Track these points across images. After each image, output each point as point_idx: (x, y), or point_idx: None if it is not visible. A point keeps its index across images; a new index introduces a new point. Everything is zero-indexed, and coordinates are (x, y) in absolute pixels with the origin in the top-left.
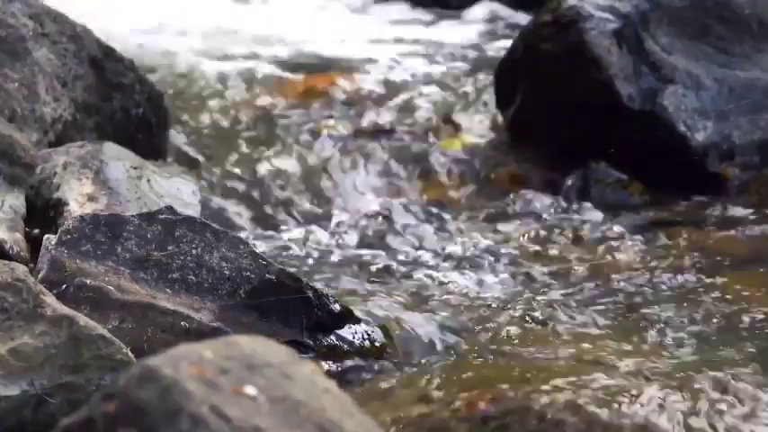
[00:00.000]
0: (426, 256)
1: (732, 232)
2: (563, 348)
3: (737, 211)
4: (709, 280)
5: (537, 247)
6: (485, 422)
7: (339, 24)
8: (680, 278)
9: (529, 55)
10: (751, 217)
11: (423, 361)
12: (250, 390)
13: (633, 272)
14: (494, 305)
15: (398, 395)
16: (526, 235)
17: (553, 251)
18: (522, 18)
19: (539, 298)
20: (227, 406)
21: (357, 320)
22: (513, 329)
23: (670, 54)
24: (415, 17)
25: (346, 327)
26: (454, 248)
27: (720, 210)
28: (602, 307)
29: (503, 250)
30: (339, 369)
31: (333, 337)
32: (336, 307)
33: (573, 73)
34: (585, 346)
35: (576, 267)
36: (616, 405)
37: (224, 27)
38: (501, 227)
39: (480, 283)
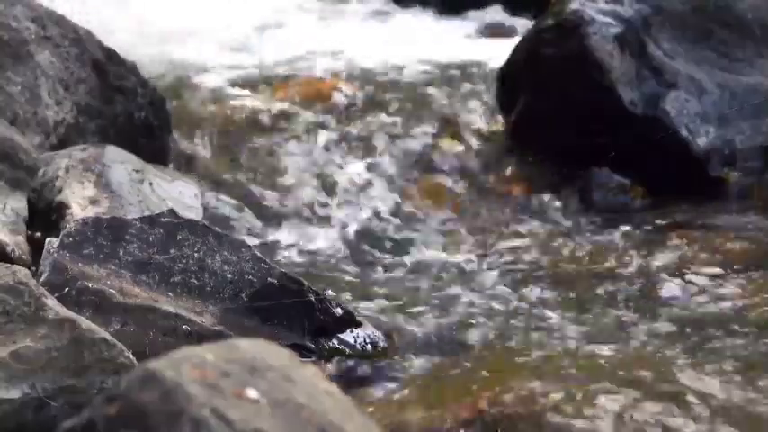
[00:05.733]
0: (428, 260)
1: (733, 236)
2: (564, 352)
3: (739, 216)
4: (710, 284)
5: (538, 251)
6: (486, 425)
7: (341, 27)
8: (681, 282)
9: (531, 59)
10: (752, 221)
11: (424, 364)
12: (252, 393)
13: (634, 275)
14: (495, 308)
15: (400, 398)
16: (528, 238)
17: (554, 254)
18: (526, 22)
19: (540, 301)
20: (228, 409)
21: (359, 324)
22: (515, 332)
23: (672, 59)
24: (417, 19)
25: (348, 330)
26: (456, 251)
27: (722, 214)
28: (603, 310)
29: (504, 254)
30: (341, 372)
31: (335, 341)
32: (338, 310)
33: (575, 77)
34: (586, 349)
35: (577, 271)
36: (617, 409)
37: (225, 30)
38: (502, 230)
39: (482, 286)
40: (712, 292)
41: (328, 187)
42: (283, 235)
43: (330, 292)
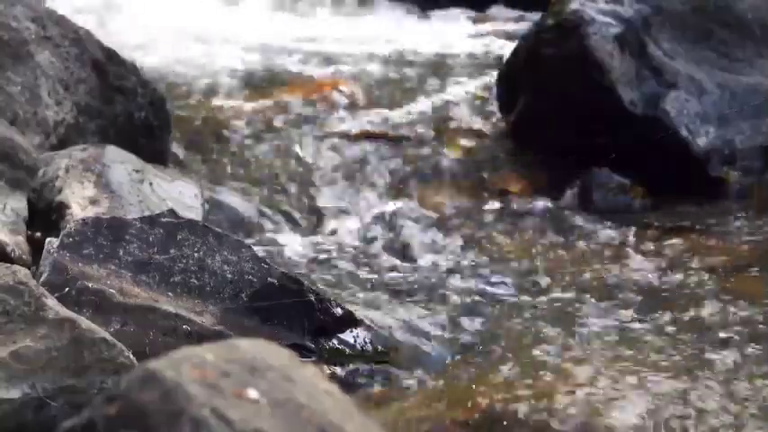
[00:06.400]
0: (428, 261)
1: (733, 236)
2: (564, 354)
3: (739, 216)
4: (710, 283)
5: (538, 252)
6: (486, 426)
7: (341, 28)
8: (681, 282)
9: (531, 59)
10: (752, 221)
11: (424, 365)
12: (252, 393)
13: (634, 276)
14: (495, 310)
15: (400, 398)
16: (528, 239)
17: (555, 255)
18: (526, 22)
19: (540, 303)
20: (228, 409)
21: (359, 324)
22: (516, 333)
23: (672, 59)
24: (418, 20)
25: (348, 330)
26: (456, 253)
27: (722, 214)
28: (603, 311)
29: (504, 255)
30: (341, 372)
31: (335, 341)
32: (338, 311)
33: (575, 77)
34: (587, 351)
35: (577, 272)
36: (620, 411)
37: (226, 31)
38: (502, 231)
39: (482, 287)
40: (712, 292)
41: (328, 188)
42: (284, 235)
43: (330, 292)
